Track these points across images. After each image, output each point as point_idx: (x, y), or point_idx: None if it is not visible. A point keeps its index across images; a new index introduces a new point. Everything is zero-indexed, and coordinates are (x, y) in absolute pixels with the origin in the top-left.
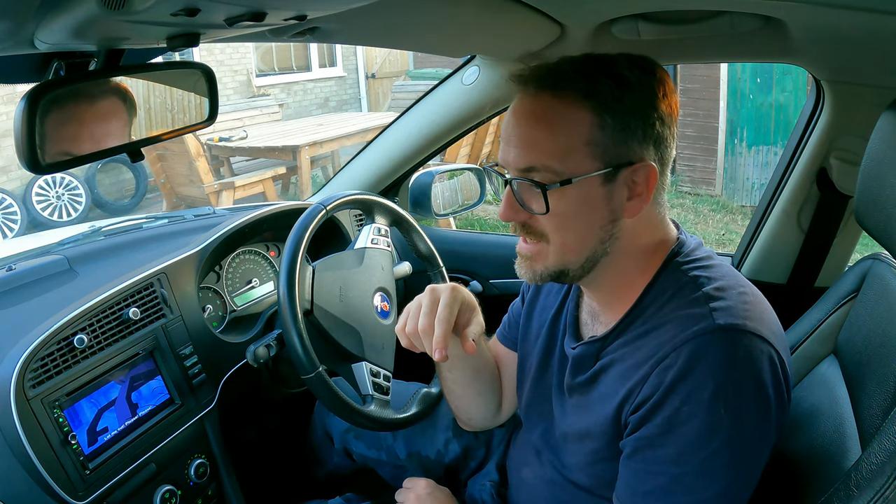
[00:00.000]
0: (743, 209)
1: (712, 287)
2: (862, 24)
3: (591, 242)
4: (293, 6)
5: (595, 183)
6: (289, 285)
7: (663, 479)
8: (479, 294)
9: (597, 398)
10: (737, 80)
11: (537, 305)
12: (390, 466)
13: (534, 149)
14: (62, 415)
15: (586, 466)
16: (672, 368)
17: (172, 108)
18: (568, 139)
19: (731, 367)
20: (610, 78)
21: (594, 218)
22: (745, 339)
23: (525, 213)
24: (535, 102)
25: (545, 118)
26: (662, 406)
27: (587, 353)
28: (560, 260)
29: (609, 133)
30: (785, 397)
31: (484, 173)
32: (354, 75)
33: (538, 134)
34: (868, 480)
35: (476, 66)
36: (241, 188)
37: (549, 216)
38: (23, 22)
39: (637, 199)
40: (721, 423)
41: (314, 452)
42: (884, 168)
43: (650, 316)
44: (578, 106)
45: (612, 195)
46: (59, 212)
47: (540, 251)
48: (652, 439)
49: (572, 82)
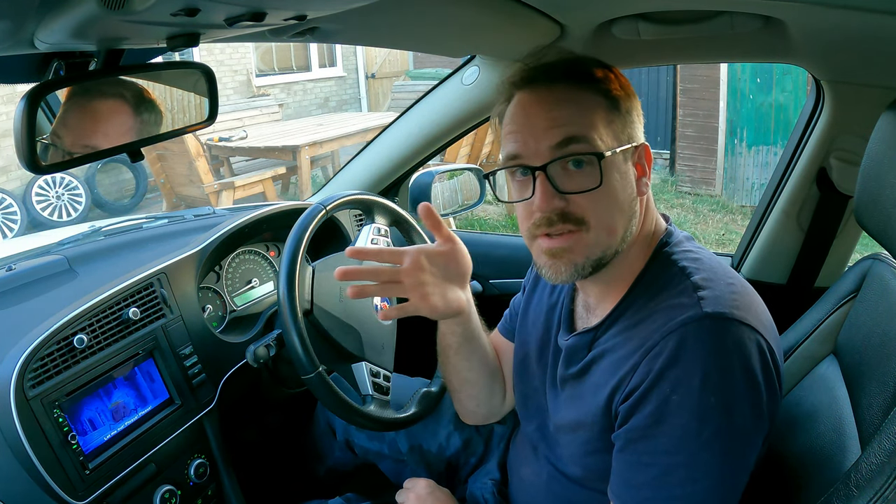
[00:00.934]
0: (743, 209)
1: (700, 277)
2: (862, 24)
3: (625, 221)
4: (293, 6)
5: (621, 159)
6: (289, 285)
7: (656, 469)
8: (479, 294)
9: (588, 389)
10: (737, 80)
11: (534, 299)
12: (391, 460)
13: (567, 123)
14: (62, 415)
15: (579, 458)
16: (661, 356)
17: (172, 108)
18: (593, 116)
19: (720, 353)
20: (608, 69)
21: (626, 195)
22: (732, 327)
23: (564, 198)
24: (552, 91)
25: (567, 100)
26: (651, 394)
27: (579, 343)
28: (602, 244)
29: (621, 115)
30: (776, 386)
31: (483, 174)
32: (354, 75)
33: (566, 112)
34: (868, 480)
35: (476, 66)
36: (241, 188)
37: (593, 194)
38: (23, 22)
39: (643, 178)
40: (711, 410)
41: (315, 447)
42: (884, 168)
43: (641, 306)
44: (592, 91)
45: (629, 173)
46: (59, 212)
47: (579, 240)
48: (643, 430)
49: (579, 71)
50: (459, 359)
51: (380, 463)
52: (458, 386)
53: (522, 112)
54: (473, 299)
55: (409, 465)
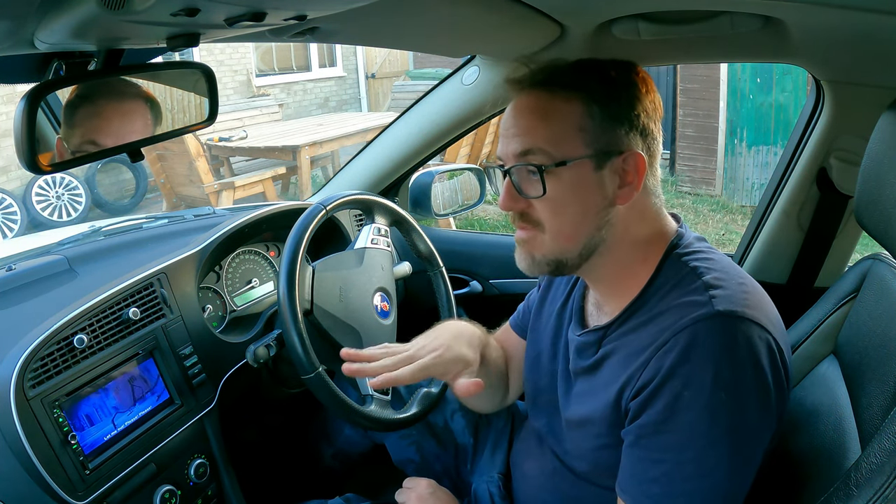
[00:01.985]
0: (743, 209)
1: (712, 276)
2: (862, 24)
3: (586, 229)
4: (293, 6)
5: (587, 168)
6: (289, 285)
7: (666, 465)
8: (479, 294)
9: (599, 385)
10: (737, 80)
11: (548, 297)
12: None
13: (529, 134)
14: (62, 415)
15: (586, 453)
16: (672, 353)
17: (172, 108)
18: (561, 125)
19: (731, 351)
20: (597, 73)
21: (588, 204)
22: (743, 326)
23: (523, 201)
24: (531, 97)
25: (539, 109)
26: (662, 390)
27: (590, 340)
28: (556, 248)
29: (598, 121)
30: (784, 385)
31: (484, 173)
32: (354, 75)
33: (533, 122)
34: (868, 480)
35: (476, 66)
36: (241, 188)
37: (545, 200)
38: (23, 22)
39: (628, 188)
40: (722, 407)
41: (325, 426)
42: (884, 168)
43: (652, 306)
44: (569, 97)
45: (603, 182)
46: (59, 212)
47: (535, 238)
48: (654, 426)
49: (563, 78)
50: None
51: (387, 440)
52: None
53: (507, 115)
54: (473, 300)
55: (416, 438)
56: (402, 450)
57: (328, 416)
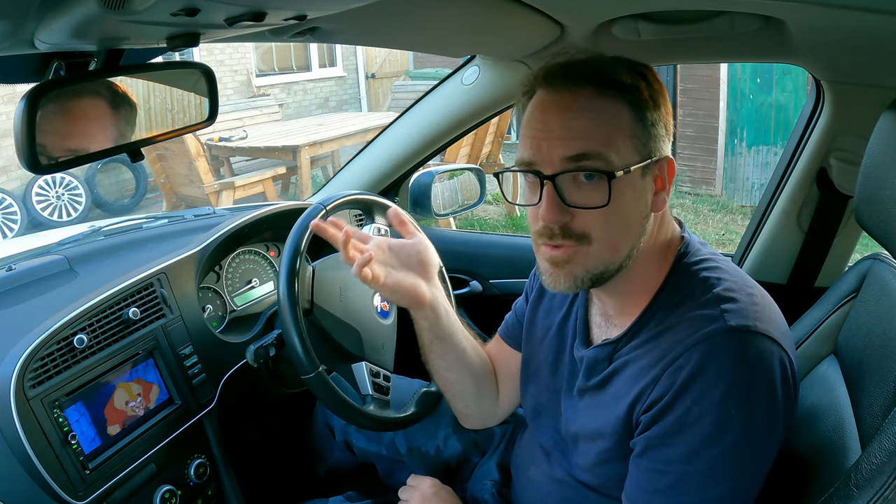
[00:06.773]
0: (743, 209)
1: (722, 288)
2: (862, 24)
3: (632, 239)
4: (293, 6)
5: (638, 176)
6: (289, 285)
7: (672, 477)
8: (479, 294)
9: (609, 399)
10: (737, 80)
11: (542, 307)
12: (389, 461)
13: (584, 137)
14: (62, 415)
15: (596, 466)
16: (684, 369)
17: (172, 108)
18: (616, 130)
19: (743, 367)
20: (638, 76)
21: (636, 212)
22: (755, 341)
23: (569, 211)
24: (575, 95)
25: (590, 109)
26: (674, 406)
27: (600, 355)
28: (604, 260)
29: (646, 127)
30: (792, 398)
31: (483, 173)
32: (354, 75)
33: (585, 123)
34: (868, 480)
35: (476, 66)
36: (241, 188)
37: (598, 211)
38: (23, 22)
39: (661, 194)
40: (731, 422)
41: (315, 447)
42: (884, 168)
43: (663, 318)
44: (619, 100)
45: (645, 189)
46: (59, 212)
47: (578, 252)
48: (663, 438)
49: (606, 77)
50: (434, 357)
51: (378, 464)
52: (441, 385)
53: (541, 116)
54: (473, 300)
55: (407, 466)
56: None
57: (317, 437)
